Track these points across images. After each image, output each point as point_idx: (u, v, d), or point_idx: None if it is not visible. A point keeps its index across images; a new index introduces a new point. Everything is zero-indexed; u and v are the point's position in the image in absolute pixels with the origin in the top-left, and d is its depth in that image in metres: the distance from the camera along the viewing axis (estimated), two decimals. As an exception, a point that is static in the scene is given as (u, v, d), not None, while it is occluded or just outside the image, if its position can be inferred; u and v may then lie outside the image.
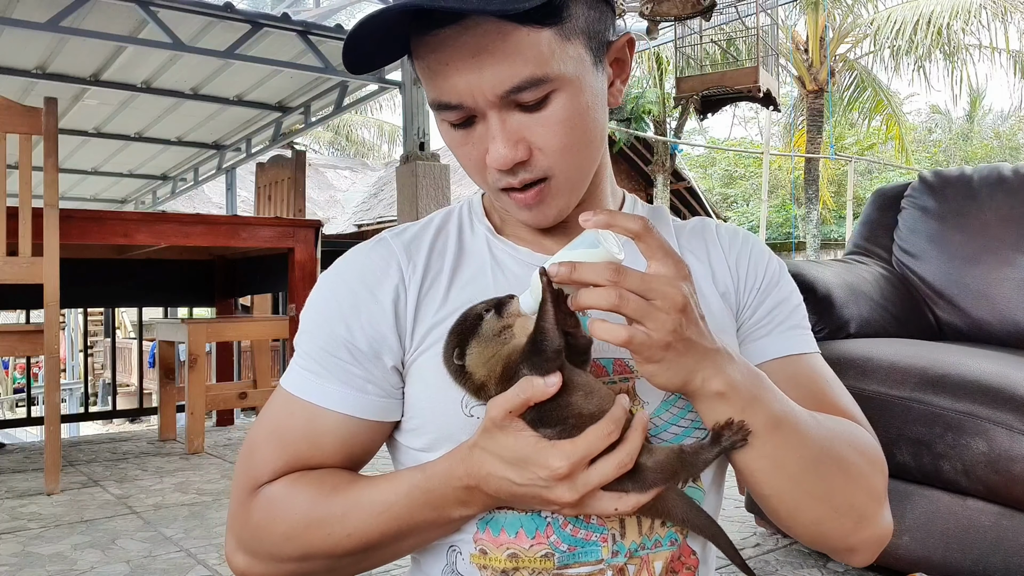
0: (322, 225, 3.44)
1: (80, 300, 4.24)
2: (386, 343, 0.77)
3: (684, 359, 0.63)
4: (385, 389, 0.78)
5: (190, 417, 3.19)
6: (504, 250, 0.83)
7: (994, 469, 1.39)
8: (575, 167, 0.76)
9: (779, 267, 0.87)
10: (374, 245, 0.83)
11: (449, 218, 0.87)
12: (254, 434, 0.81)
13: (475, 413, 0.73)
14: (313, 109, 6.27)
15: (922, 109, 30.98)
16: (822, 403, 0.79)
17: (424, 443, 0.78)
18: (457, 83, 0.70)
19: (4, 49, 4.91)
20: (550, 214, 0.77)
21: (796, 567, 1.79)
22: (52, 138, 2.52)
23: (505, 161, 0.71)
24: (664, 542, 0.75)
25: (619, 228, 0.64)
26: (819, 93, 13.88)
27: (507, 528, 0.73)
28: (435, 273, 0.80)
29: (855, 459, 0.75)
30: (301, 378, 0.79)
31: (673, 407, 0.76)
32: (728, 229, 0.89)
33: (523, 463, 0.64)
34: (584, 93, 0.73)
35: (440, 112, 0.74)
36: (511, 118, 0.71)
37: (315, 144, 22.97)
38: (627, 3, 5.31)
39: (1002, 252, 2.05)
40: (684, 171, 15.90)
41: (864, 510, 0.76)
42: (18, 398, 13.65)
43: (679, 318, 0.61)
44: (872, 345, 1.75)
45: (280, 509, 0.76)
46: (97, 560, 1.93)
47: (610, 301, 0.60)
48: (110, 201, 9.37)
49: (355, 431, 0.78)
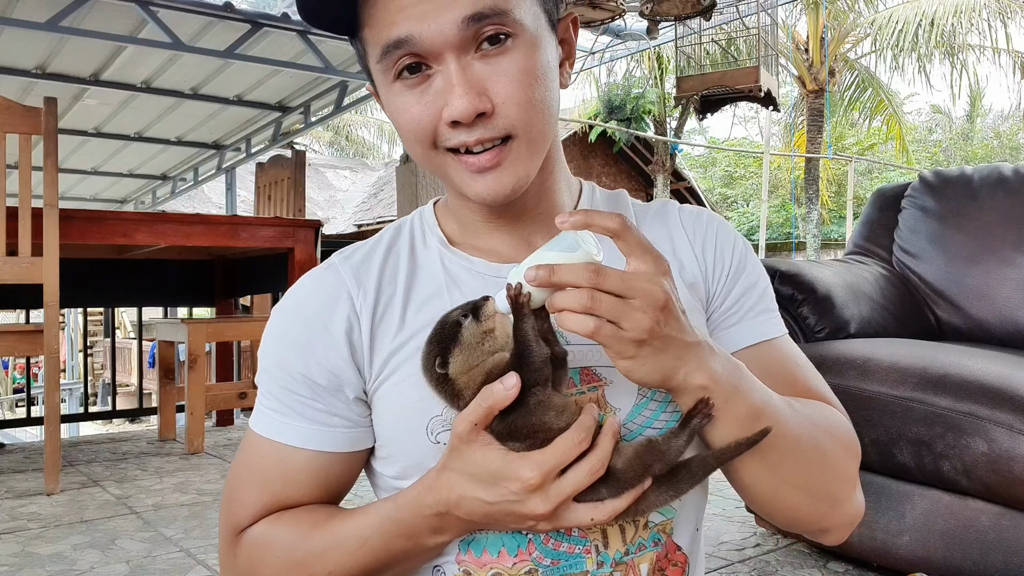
0: (322, 225, 3.44)
1: (80, 300, 4.23)
2: (344, 376, 0.75)
3: (662, 356, 0.62)
4: (352, 420, 0.76)
5: (190, 417, 3.19)
6: (458, 263, 0.79)
7: (994, 469, 1.39)
8: (537, 128, 0.71)
9: (745, 249, 0.85)
10: (323, 272, 0.80)
11: (400, 233, 0.83)
12: (231, 478, 0.80)
13: (441, 440, 0.71)
14: (313, 109, 6.26)
15: (922, 109, 31.01)
16: (796, 387, 0.79)
17: (396, 471, 0.76)
18: (411, 14, 0.66)
19: (4, 49, 4.90)
20: (507, 182, 0.71)
21: (796, 567, 1.79)
22: (52, 138, 2.52)
23: (467, 111, 0.66)
24: (648, 543, 0.74)
25: (597, 227, 0.62)
26: (819, 93, 13.87)
27: (489, 548, 0.72)
28: (388, 297, 0.77)
29: (831, 445, 0.75)
30: (267, 418, 0.77)
31: (646, 409, 0.74)
32: (691, 212, 0.86)
33: (493, 478, 0.63)
34: (542, 52, 0.70)
35: (389, 60, 0.69)
36: (472, 66, 0.67)
37: (315, 144, 22.97)
38: (627, 3, 5.31)
39: (1002, 252, 2.05)
40: (684, 171, 15.91)
41: (838, 494, 0.77)
42: (18, 398, 13.65)
43: (658, 315, 0.60)
44: (872, 345, 1.75)
45: (263, 553, 0.75)
46: (97, 560, 1.93)
47: (582, 303, 0.59)
48: (110, 201, 9.37)
49: (327, 466, 0.76)
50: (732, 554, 1.90)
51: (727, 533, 2.04)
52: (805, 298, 1.93)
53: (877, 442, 1.56)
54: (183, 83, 5.70)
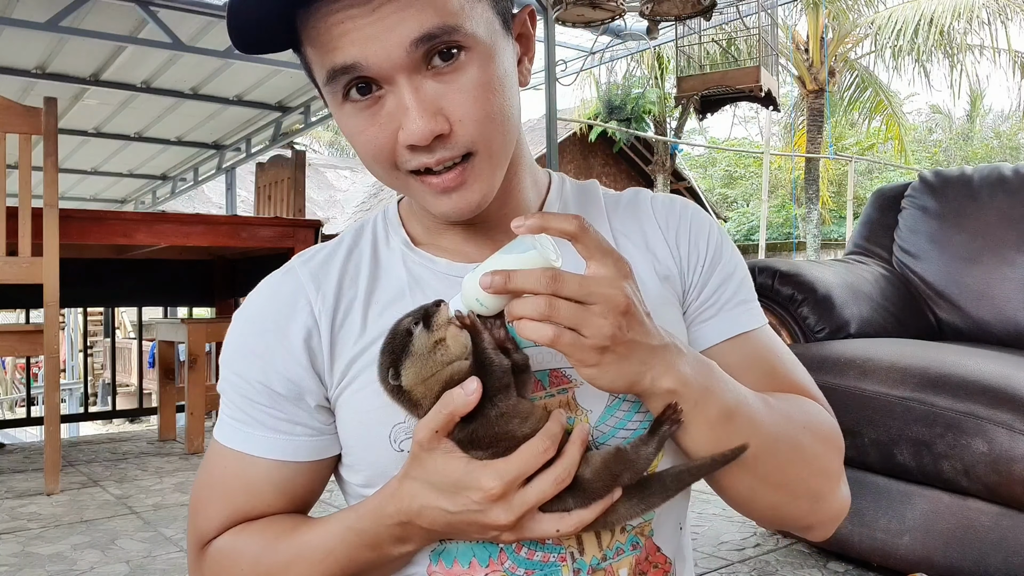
0: (322, 225, 3.44)
1: (80, 300, 4.24)
2: (304, 384, 0.73)
3: (626, 362, 0.60)
4: (315, 428, 0.74)
5: (190, 417, 3.19)
6: (421, 263, 0.77)
7: (994, 469, 1.39)
8: (498, 141, 0.68)
9: (720, 237, 0.82)
10: (282, 277, 0.78)
11: (362, 234, 0.81)
12: (196, 491, 0.78)
13: (404, 448, 0.70)
14: (313, 109, 6.27)
15: (922, 109, 30.99)
16: (776, 379, 0.77)
17: (361, 479, 0.75)
18: (357, 39, 0.62)
19: (4, 49, 4.91)
20: (473, 199, 0.69)
21: (796, 567, 1.79)
22: (52, 138, 2.52)
23: (423, 134, 0.64)
24: (626, 547, 0.72)
25: (554, 231, 0.60)
26: (819, 93, 13.87)
27: (460, 558, 0.70)
28: (348, 301, 0.75)
29: (809, 442, 0.73)
30: (229, 428, 0.76)
31: (618, 411, 0.72)
32: (663, 201, 0.83)
33: (454, 487, 0.61)
34: (498, 61, 0.67)
35: (337, 83, 0.65)
36: (424, 86, 0.64)
37: (315, 144, 22.96)
38: (627, 3, 5.31)
39: (1002, 252, 2.05)
40: (684, 171, 15.92)
41: (820, 491, 0.75)
42: (18, 398, 13.65)
43: (619, 320, 0.58)
44: (872, 345, 1.75)
45: (228, 565, 0.74)
46: (97, 560, 1.93)
47: (540, 311, 0.57)
48: (110, 201, 9.38)
49: (291, 475, 0.74)
50: (732, 554, 1.89)
51: (727, 533, 2.03)
52: (805, 298, 1.93)
53: (877, 442, 1.56)
54: (183, 83, 5.71)
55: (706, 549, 1.92)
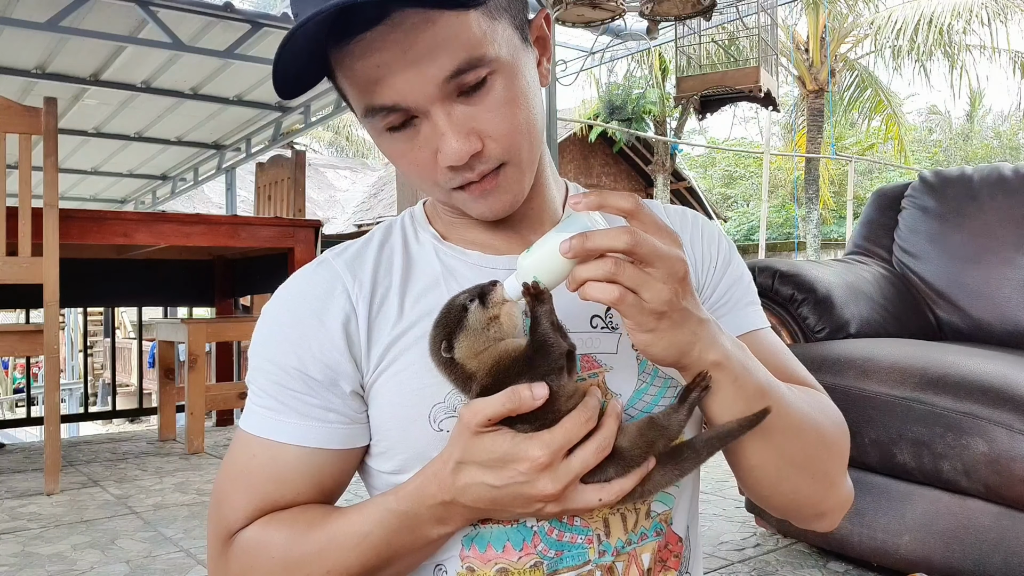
0: (322, 225, 3.44)
1: (80, 300, 4.24)
2: (340, 369, 0.74)
3: (679, 330, 0.63)
4: (348, 415, 0.75)
5: (190, 417, 3.19)
6: (453, 256, 0.80)
7: (994, 469, 1.39)
8: (526, 150, 0.73)
9: (729, 245, 0.87)
10: (316, 267, 0.80)
11: (391, 231, 0.84)
12: (220, 481, 0.78)
13: (444, 427, 0.71)
14: (313, 109, 6.26)
15: (922, 109, 30.95)
16: (784, 375, 0.80)
17: (395, 466, 0.75)
18: (394, 83, 0.67)
19: (4, 49, 4.90)
20: (506, 199, 0.74)
21: (796, 567, 1.79)
22: (52, 138, 2.52)
23: (461, 155, 0.68)
24: (650, 533, 0.75)
25: (611, 207, 0.63)
26: (819, 93, 13.88)
27: (493, 543, 0.72)
28: (384, 289, 0.77)
29: (828, 426, 0.77)
30: (258, 416, 0.75)
31: (646, 394, 0.75)
32: (676, 211, 0.88)
33: (500, 462, 0.63)
34: (521, 74, 0.71)
35: (376, 118, 0.70)
36: (455, 111, 0.68)
37: (315, 144, 22.97)
38: (627, 3, 5.30)
39: (1002, 252, 2.05)
40: (684, 171, 15.91)
41: (834, 476, 0.79)
42: (18, 398, 13.65)
43: (676, 287, 0.61)
44: (872, 345, 1.75)
45: (256, 555, 0.73)
46: (97, 560, 1.93)
47: (606, 272, 0.60)
48: (110, 201, 9.37)
49: (321, 464, 0.75)
50: (732, 554, 1.89)
51: (727, 533, 2.03)
52: (805, 298, 1.93)
53: (877, 442, 1.56)
54: (183, 83, 5.70)
55: (706, 549, 1.92)
